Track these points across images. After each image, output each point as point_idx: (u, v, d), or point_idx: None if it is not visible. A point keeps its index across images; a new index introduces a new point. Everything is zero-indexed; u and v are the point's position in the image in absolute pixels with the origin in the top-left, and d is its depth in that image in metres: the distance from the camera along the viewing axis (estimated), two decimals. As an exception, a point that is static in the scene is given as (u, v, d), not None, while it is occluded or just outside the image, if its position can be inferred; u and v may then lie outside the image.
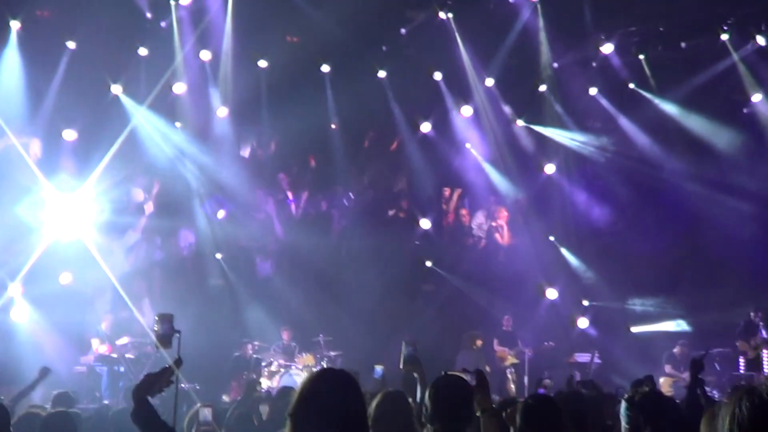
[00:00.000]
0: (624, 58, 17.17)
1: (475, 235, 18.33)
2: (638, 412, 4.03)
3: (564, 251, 17.98)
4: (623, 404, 4.14)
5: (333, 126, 17.64)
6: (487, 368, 14.52)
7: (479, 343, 15.83)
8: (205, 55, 16.46)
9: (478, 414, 4.31)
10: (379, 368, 8.37)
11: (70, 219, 15.54)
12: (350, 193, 18.09)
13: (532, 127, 17.93)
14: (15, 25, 15.06)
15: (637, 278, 17.42)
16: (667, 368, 15.26)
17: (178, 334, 4.65)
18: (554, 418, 4.22)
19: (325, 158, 18.11)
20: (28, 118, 15.42)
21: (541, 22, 16.59)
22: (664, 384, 14.48)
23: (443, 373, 4.43)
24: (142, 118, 16.25)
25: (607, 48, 16.79)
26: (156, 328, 4.75)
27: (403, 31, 16.88)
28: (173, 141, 16.82)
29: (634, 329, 17.20)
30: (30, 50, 15.20)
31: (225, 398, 14.59)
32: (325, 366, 14.48)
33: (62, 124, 15.81)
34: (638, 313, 17.35)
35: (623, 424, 4.11)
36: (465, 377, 4.37)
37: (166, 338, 4.63)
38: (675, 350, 15.49)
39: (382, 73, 17.21)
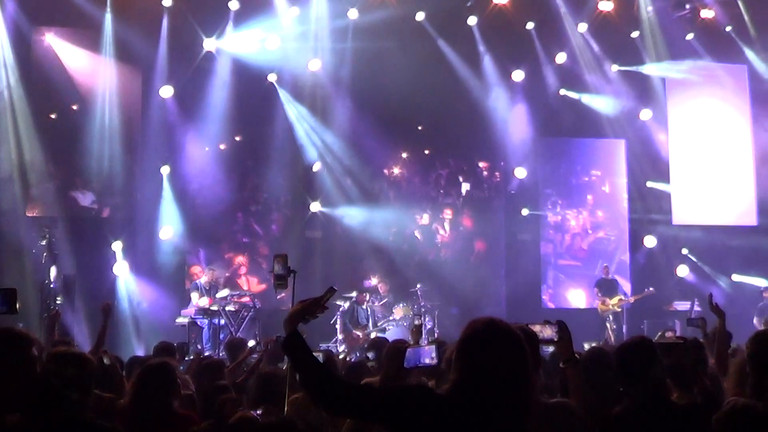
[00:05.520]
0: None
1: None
2: None
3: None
4: None
5: None
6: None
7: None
8: (294, 11, 16.14)
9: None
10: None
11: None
12: None
13: (628, 69, 17.41)
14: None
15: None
16: (755, 321, 14.63)
17: (293, 275, 4.70)
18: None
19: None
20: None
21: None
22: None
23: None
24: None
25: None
26: (273, 269, 4.80)
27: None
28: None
29: (736, 278, 16.80)
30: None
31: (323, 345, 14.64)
32: (420, 318, 14.48)
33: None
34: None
35: None
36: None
37: (282, 278, 4.67)
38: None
39: (472, 20, 16.82)
